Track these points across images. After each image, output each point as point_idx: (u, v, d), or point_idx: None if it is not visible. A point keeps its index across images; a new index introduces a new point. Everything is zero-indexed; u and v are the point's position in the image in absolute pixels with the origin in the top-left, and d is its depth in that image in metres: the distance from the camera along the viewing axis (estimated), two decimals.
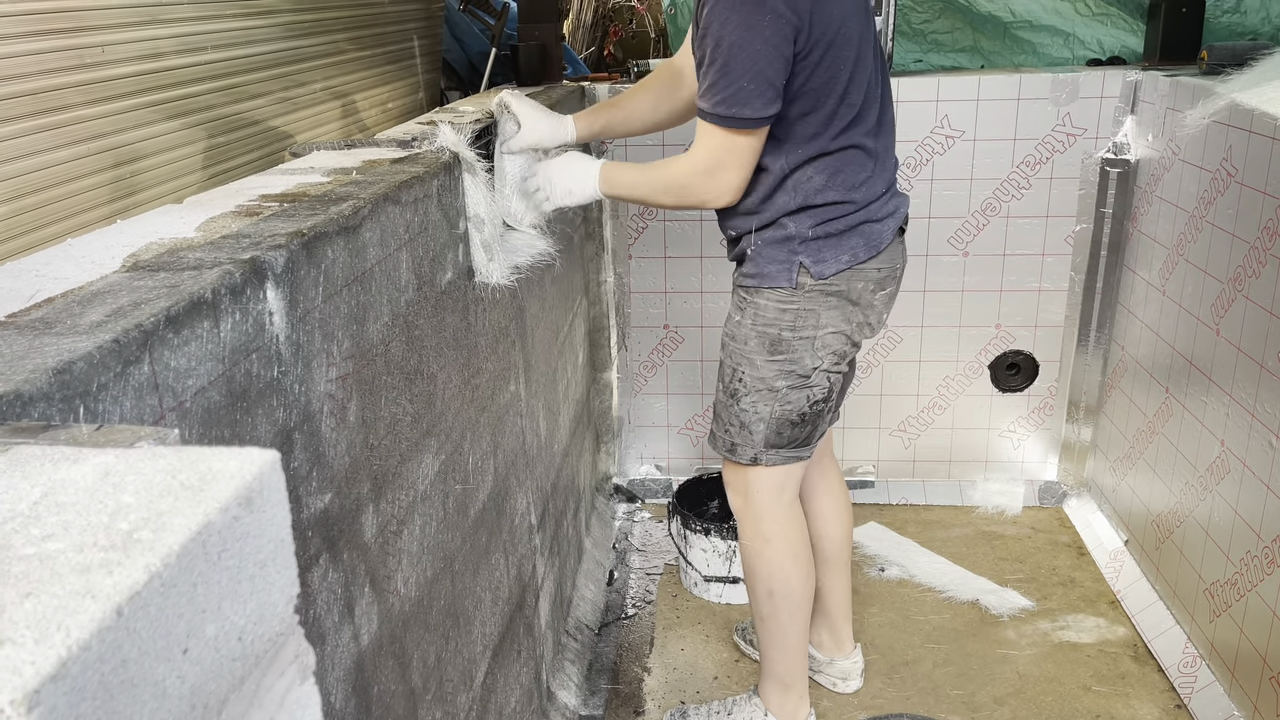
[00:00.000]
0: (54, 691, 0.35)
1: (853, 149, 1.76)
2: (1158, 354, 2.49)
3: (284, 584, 0.50)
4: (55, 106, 1.32)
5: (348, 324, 1.06)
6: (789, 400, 1.87)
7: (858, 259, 1.80)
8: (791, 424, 1.89)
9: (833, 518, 2.20)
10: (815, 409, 1.90)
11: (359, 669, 1.07)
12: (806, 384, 1.87)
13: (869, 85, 1.76)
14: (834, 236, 1.79)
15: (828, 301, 1.81)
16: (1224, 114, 2.13)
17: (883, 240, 1.82)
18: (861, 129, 1.77)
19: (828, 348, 1.85)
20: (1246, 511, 2.03)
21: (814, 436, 1.94)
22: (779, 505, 1.97)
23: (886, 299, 1.90)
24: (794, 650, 2.07)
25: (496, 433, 1.69)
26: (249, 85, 1.87)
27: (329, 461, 1.01)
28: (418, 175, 1.29)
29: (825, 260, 1.79)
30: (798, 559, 2.00)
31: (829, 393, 1.90)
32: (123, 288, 0.80)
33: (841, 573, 2.24)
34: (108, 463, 0.49)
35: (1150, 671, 2.30)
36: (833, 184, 1.77)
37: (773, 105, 1.64)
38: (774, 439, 1.90)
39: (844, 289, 1.81)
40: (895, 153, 1.90)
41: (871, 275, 1.83)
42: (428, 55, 2.89)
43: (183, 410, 0.75)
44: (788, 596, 2.01)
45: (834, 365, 1.88)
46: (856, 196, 1.78)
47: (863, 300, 1.84)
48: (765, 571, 2.00)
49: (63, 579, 0.39)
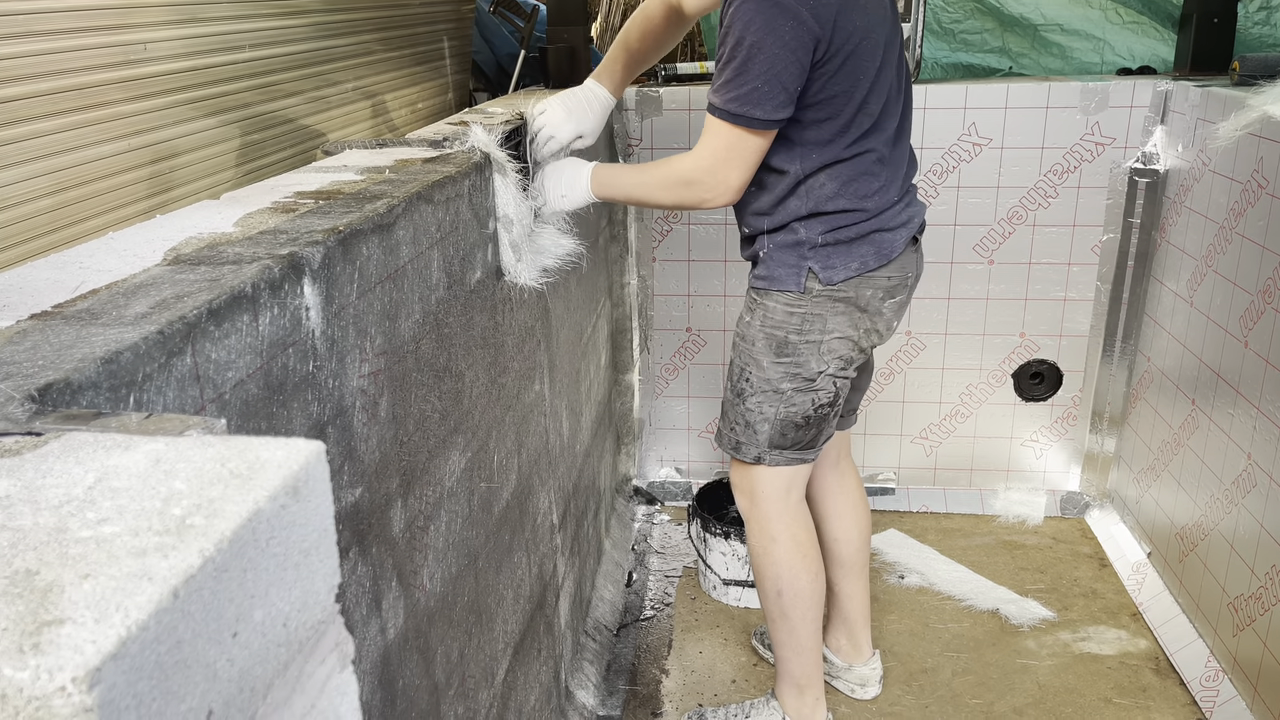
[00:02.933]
0: (114, 670, 0.36)
1: (867, 157, 1.76)
2: (1184, 365, 2.47)
3: (326, 573, 0.51)
4: (96, 102, 1.34)
5: (380, 321, 1.07)
6: (794, 402, 1.88)
7: (867, 267, 1.80)
8: (796, 426, 1.90)
9: (849, 521, 2.20)
10: (820, 412, 1.90)
11: (385, 662, 1.08)
12: (811, 387, 1.87)
13: (889, 94, 1.76)
14: (844, 244, 1.79)
15: (835, 307, 1.82)
16: (1255, 126, 2.12)
17: (894, 249, 1.81)
18: (878, 137, 1.77)
19: (834, 353, 1.85)
20: (1273, 525, 2.02)
21: (819, 439, 1.94)
22: (785, 506, 1.97)
23: (896, 307, 1.89)
24: (807, 651, 2.06)
25: (521, 432, 1.70)
26: (282, 84, 1.89)
27: (360, 456, 1.02)
28: (450, 175, 1.30)
29: (834, 267, 1.79)
30: (805, 558, 2.00)
31: (834, 397, 1.90)
32: (165, 281, 0.81)
33: (859, 577, 2.23)
34: (158, 450, 0.50)
35: (1172, 685, 2.29)
36: (845, 192, 1.77)
37: (784, 109, 1.65)
38: (778, 440, 1.91)
39: (852, 296, 1.82)
40: (914, 160, 1.90)
41: (881, 283, 1.83)
42: (457, 56, 2.91)
43: (222, 402, 0.76)
44: (797, 595, 2.00)
45: (840, 370, 1.88)
46: (869, 205, 1.78)
47: (871, 308, 1.84)
48: (773, 571, 2.00)
49: (119, 561, 0.41)
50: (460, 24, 2.93)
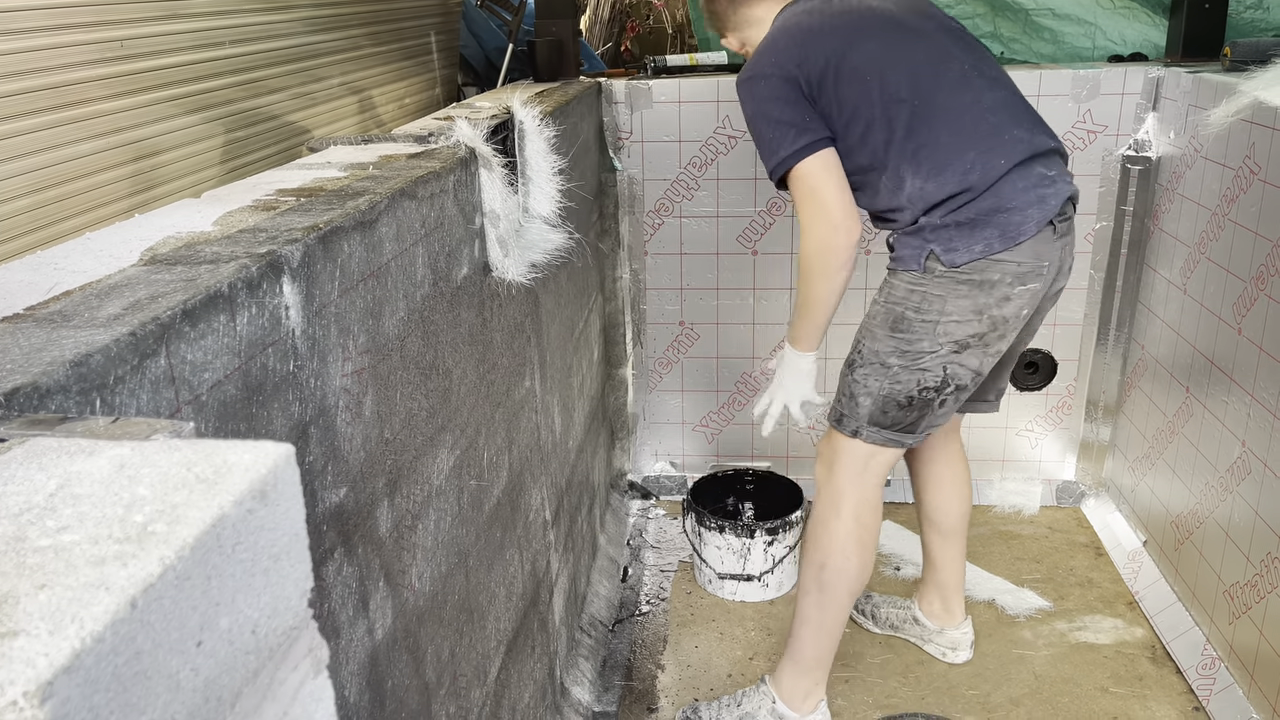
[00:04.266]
0: (67, 683, 0.35)
1: (930, 144, 1.79)
2: (1178, 353, 2.46)
3: (298, 577, 0.50)
4: (75, 101, 1.32)
5: (364, 319, 1.06)
6: (899, 379, 1.86)
7: (992, 250, 1.77)
8: (898, 405, 1.88)
9: (950, 491, 2.24)
10: (924, 395, 1.86)
11: (373, 663, 1.07)
12: (918, 365, 1.84)
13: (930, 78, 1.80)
14: (965, 226, 1.78)
15: (958, 290, 1.80)
16: (1247, 111, 2.11)
17: (1022, 232, 1.76)
18: (934, 122, 1.79)
19: (948, 335, 1.82)
20: (1267, 513, 2.01)
21: (920, 425, 1.90)
22: (860, 484, 1.95)
23: (1029, 296, 1.82)
24: (826, 634, 2.04)
25: (511, 428, 1.69)
26: (267, 80, 1.88)
27: (344, 456, 1.01)
28: (434, 170, 1.29)
29: (956, 249, 1.79)
30: (862, 543, 1.97)
31: (942, 383, 1.85)
32: (140, 281, 0.80)
33: (958, 545, 2.28)
34: (123, 455, 0.49)
35: (1168, 673, 2.28)
36: (937, 180, 1.79)
37: (803, 136, 1.80)
38: (878, 416, 1.89)
39: (977, 279, 1.79)
40: (1038, 133, 1.85)
41: (1010, 268, 1.78)
42: (445, 51, 2.90)
43: (199, 404, 0.75)
44: (840, 574, 1.98)
45: (953, 355, 1.83)
46: (973, 181, 1.77)
47: (998, 292, 1.79)
48: (826, 542, 1.98)
49: (77, 571, 0.39)
50: (448, 18, 2.91)
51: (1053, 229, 1.80)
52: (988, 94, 1.83)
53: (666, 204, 2.84)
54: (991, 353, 1.87)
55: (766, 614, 2.56)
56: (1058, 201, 1.80)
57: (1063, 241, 1.85)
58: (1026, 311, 1.85)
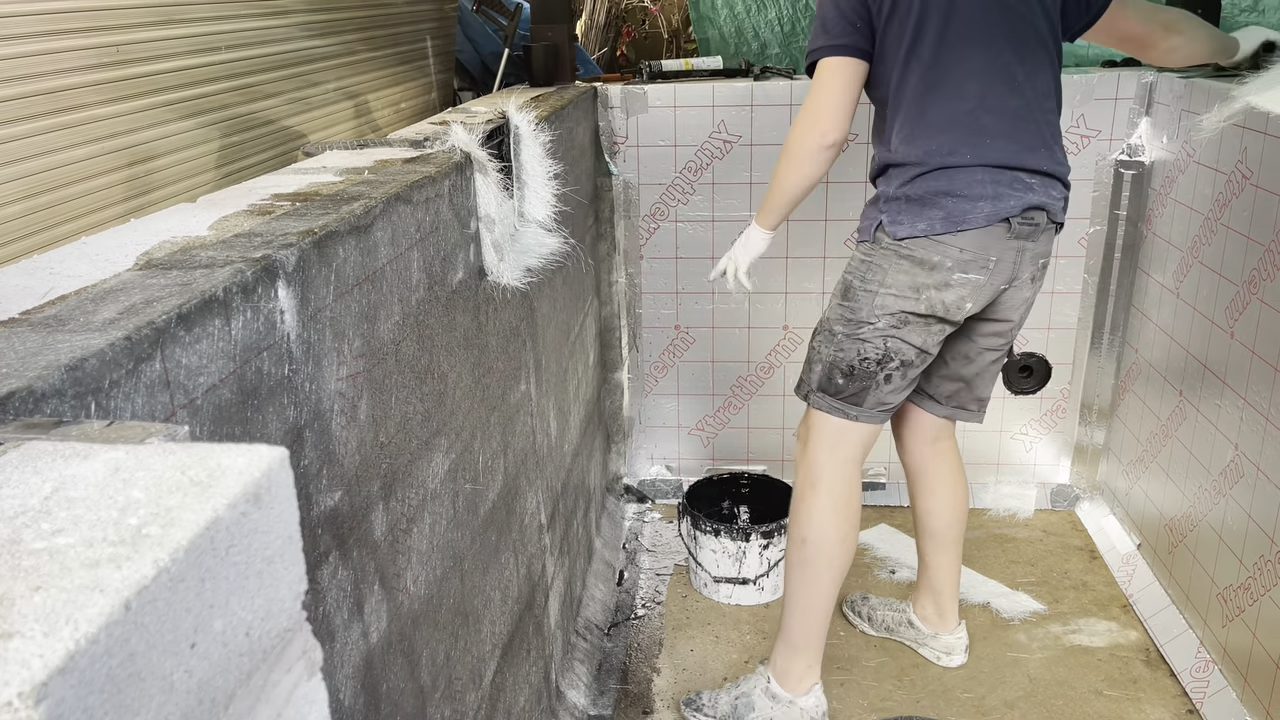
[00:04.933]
0: (62, 684, 0.35)
1: (934, 111, 1.82)
2: (1171, 357, 2.47)
3: (292, 580, 0.51)
4: (70, 106, 1.33)
5: (359, 323, 1.07)
6: (842, 347, 1.92)
7: (934, 230, 1.81)
8: (841, 373, 1.93)
9: (941, 497, 2.24)
10: (865, 367, 1.90)
11: (368, 666, 1.08)
12: (857, 335, 1.90)
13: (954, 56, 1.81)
14: (914, 201, 1.83)
15: (899, 264, 1.84)
16: (1239, 117, 2.12)
17: (967, 220, 1.80)
18: (949, 93, 1.81)
19: (885, 309, 1.86)
20: (1260, 516, 2.02)
21: (864, 397, 1.94)
22: (832, 460, 1.99)
23: (971, 287, 1.84)
24: (814, 612, 2.05)
25: (507, 432, 1.69)
26: (263, 85, 1.88)
27: (339, 459, 1.02)
28: (429, 175, 1.30)
29: (900, 222, 1.84)
30: (839, 515, 2.00)
31: (884, 356, 1.89)
32: (135, 285, 0.80)
33: (948, 551, 2.28)
34: (118, 459, 0.49)
35: (1162, 676, 2.29)
36: (909, 144, 1.84)
37: (844, 37, 1.83)
38: (824, 383, 1.96)
39: (918, 256, 1.83)
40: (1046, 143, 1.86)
41: (952, 253, 1.82)
42: (441, 55, 2.90)
43: (194, 407, 0.76)
44: (820, 547, 2.00)
45: (891, 329, 1.87)
46: (929, 160, 1.81)
47: (938, 276, 1.83)
48: (805, 517, 2.01)
49: (72, 573, 0.40)
50: (443, 23, 2.92)
51: (1007, 226, 1.82)
52: (1005, 97, 1.83)
53: (662, 208, 2.84)
54: (935, 332, 1.90)
55: (762, 617, 2.57)
56: (1018, 204, 1.81)
57: (1019, 244, 1.85)
58: (970, 305, 1.88)
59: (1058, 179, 1.88)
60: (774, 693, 2.11)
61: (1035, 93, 1.85)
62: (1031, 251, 1.88)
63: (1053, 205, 1.87)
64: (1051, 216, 1.88)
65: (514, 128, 1.67)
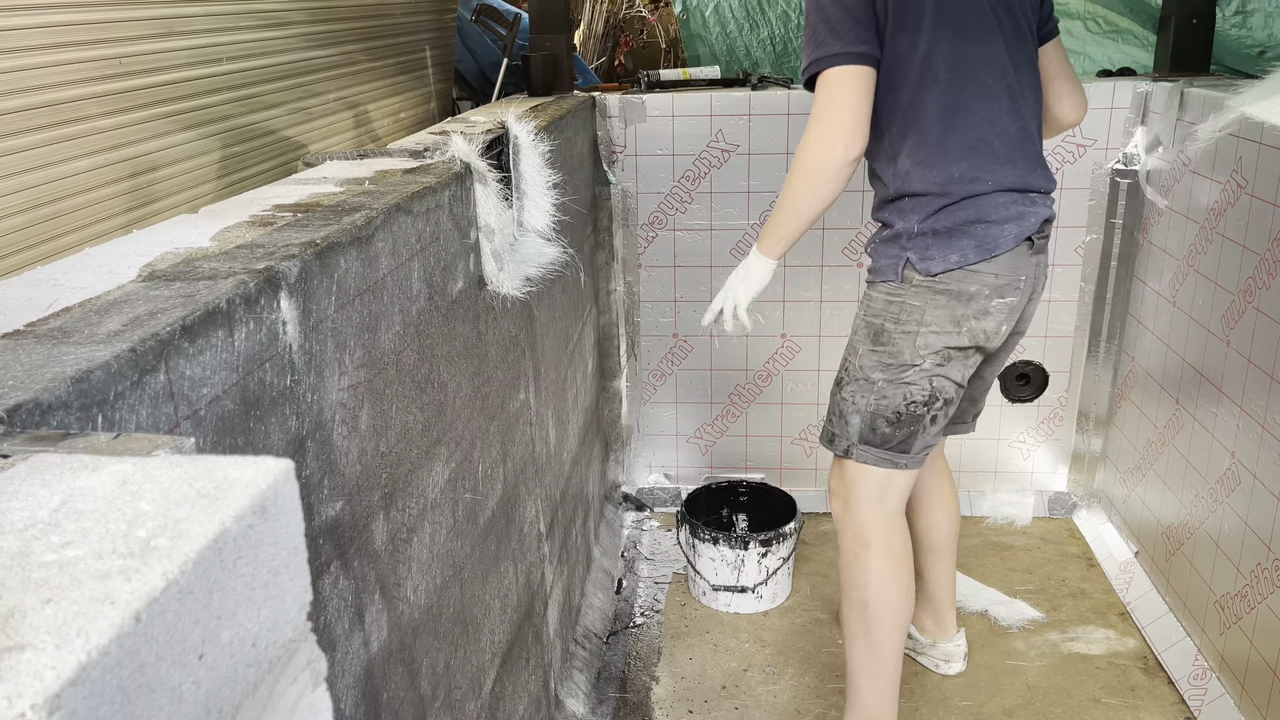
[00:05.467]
0: (74, 696, 0.35)
1: (950, 138, 1.75)
2: (1168, 365, 2.48)
3: (297, 591, 0.51)
4: (73, 117, 1.33)
5: (360, 333, 1.07)
6: (885, 394, 1.83)
7: (968, 260, 1.75)
8: (888, 421, 1.84)
9: (940, 511, 2.22)
10: (912, 410, 1.83)
11: (369, 676, 1.08)
12: (902, 379, 1.82)
13: (984, 72, 1.76)
14: (942, 234, 1.76)
15: (936, 300, 1.78)
16: (1234, 126, 2.13)
17: (999, 244, 1.75)
18: (962, 116, 1.75)
19: (929, 347, 1.80)
20: (1257, 524, 2.03)
21: (912, 443, 1.85)
22: (881, 512, 1.89)
23: (1006, 310, 1.80)
24: (885, 676, 1.93)
25: (506, 441, 1.70)
26: (264, 96, 1.89)
27: (340, 469, 1.02)
28: (430, 185, 1.30)
29: (933, 258, 1.77)
30: (899, 569, 1.89)
31: (930, 397, 1.83)
32: (139, 297, 0.81)
33: (947, 561, 2.27)
34: (125, 471, 0.50)
35: (1160, 684, 2.29)
36: (924, 172, 1.77)
37: (863, 42, 1.69)
38: (868, 434, 1.86)
39: (955, 289, 1.77)
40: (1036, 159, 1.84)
41: (988, 280, 1.77)
42: (440, 65, 2.91)
43: (197, 419, 0.76)
44: (885, 608, 1.89)
45: (937, 368, 1.81)
46: (955, 190, 1.76)
47: (976, 304, 1.78)
48: (863, 579, 1.90)
49: (82, 585, 0.40)
50: (442, 33, 2.93)
51: (1030, 245, 1.80)
52: (1007, 121, 1.80)
53: (660, 217, 2.85)
54: (972, 364, 1.86)
55: (760, 625, 2.57)
56: (1036, 220, 1.80)
57: (1038, 259, 1.84)
58: (1006, 328, 1.83)
59: (1051, 192, 1.90)
60: None
61: (1029, 114, 1.84)
62: (1044, 263, 1.89)
63: (1053, 215, 1.88)
64: (1051, 224, 1.89)
65: (513, 137, 1.68)
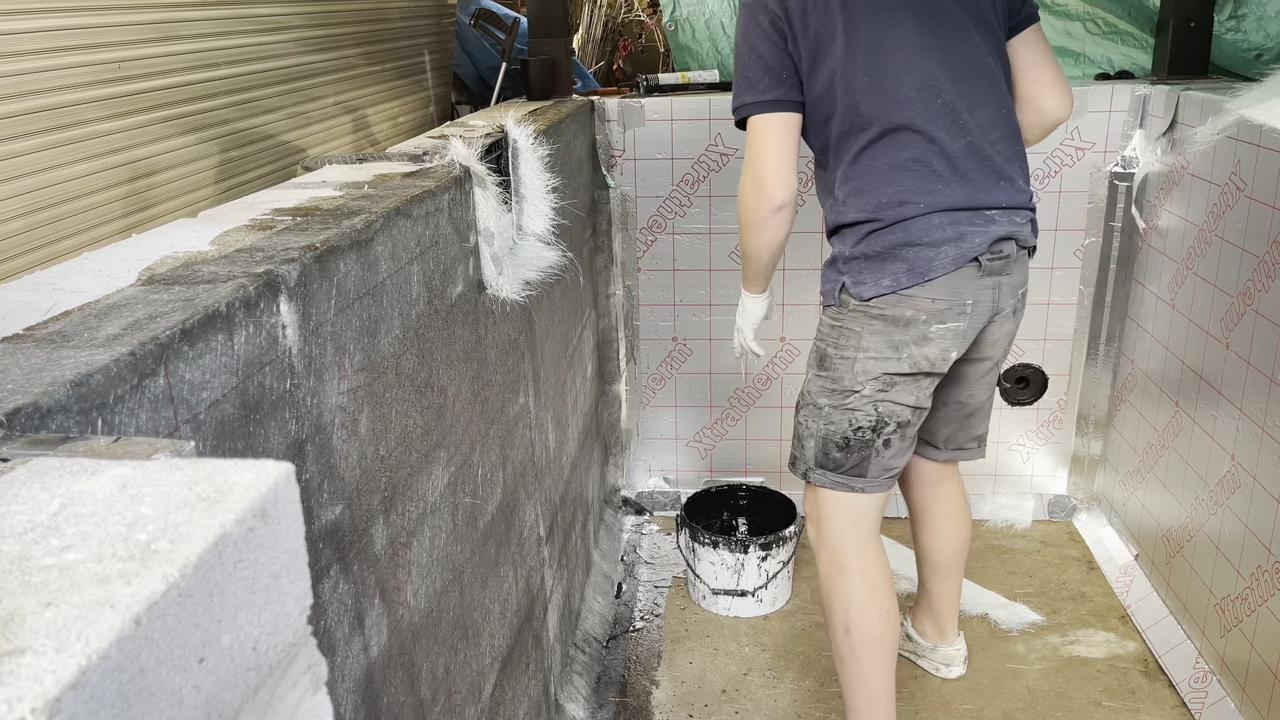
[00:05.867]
0: (74, 700, 0.35)
1: (877, 163, 1.71)
2: (1167, 368, 2.48)
3: (298, 594, 0.51)
4: (72, 122, 1.33)
5: (359, 337, 1.07)
6: (832, 420, 1.82)
7: (900, 285, 1.71)
8: (837, 446, 1.83)
9: (944, 535, 2.20)
10: (861, 436, 1.80)
11: (369, 680, 1.08)
12: (845, 405, 1.80)
13: (893, 102, 1.70)
14: (874, 258, 1.73)
15: (871, 325, 1.75)
16: (1233, 129, 2.14)
17: (933, 268, 1.69)
18: (892, 140, 1.70)
19: (867, 374, 1.77)
20: (1257, 526, 2.03)
21: (866, 467, 1.83)
22: (854, 537, 1.88)
23: (952, 335, 1.74)
24: (878, 697, 1.93)
25: (505, 445, 1.70)
26: (262, 100, 1.89)
27: (340, 473, 1.02)
28: (429, 189, 1.30)
29: (864, 282, 1.74)
30: (876, 594, 1.89)
31: (878, 421, 1.79)
32: (138, 301, 0.81)
33: (951, 578, 2.27)
34: (125, 474, 0.50)
35: (1161, 687, 2.29)
36: (854, 201, 1.74)
37: (772, 90, 1.71)
38: (822, 459, 1.86)
39: (890, 314, 1.73)
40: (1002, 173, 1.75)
41: (924, 305, 1.71)
42: (438, 70, 2.92)
43: (197, 422, 0.76)
44: (865, 634, 1.89)
45: (879, 394, 1.77)
46: (883, 215, 1.71)
47: (913, 331, 1.73)
48: (841, 604, 1.90)
49: (82, 589, 0.40)
50: (441, 37, 2.93)
51: (977, 266, 1.72)
52: (948, 139, 1.72)
53: (659, 221, 2.86)
54: (925, 386, 1.80)
55: (761, 629, 2.56)
56: (984, 240, 1.71)
57: (993, 280, 1.75)
58: (954, 353, 1.78)
59: (1019, 207, 1.78)
60: None
61: (979, 126, 1.74)
62: (1009, 284, 1.79)
63: (1020, 232, 1.77)
64: (1021, 243, 1.79)
65: (512, 141, 1.68)
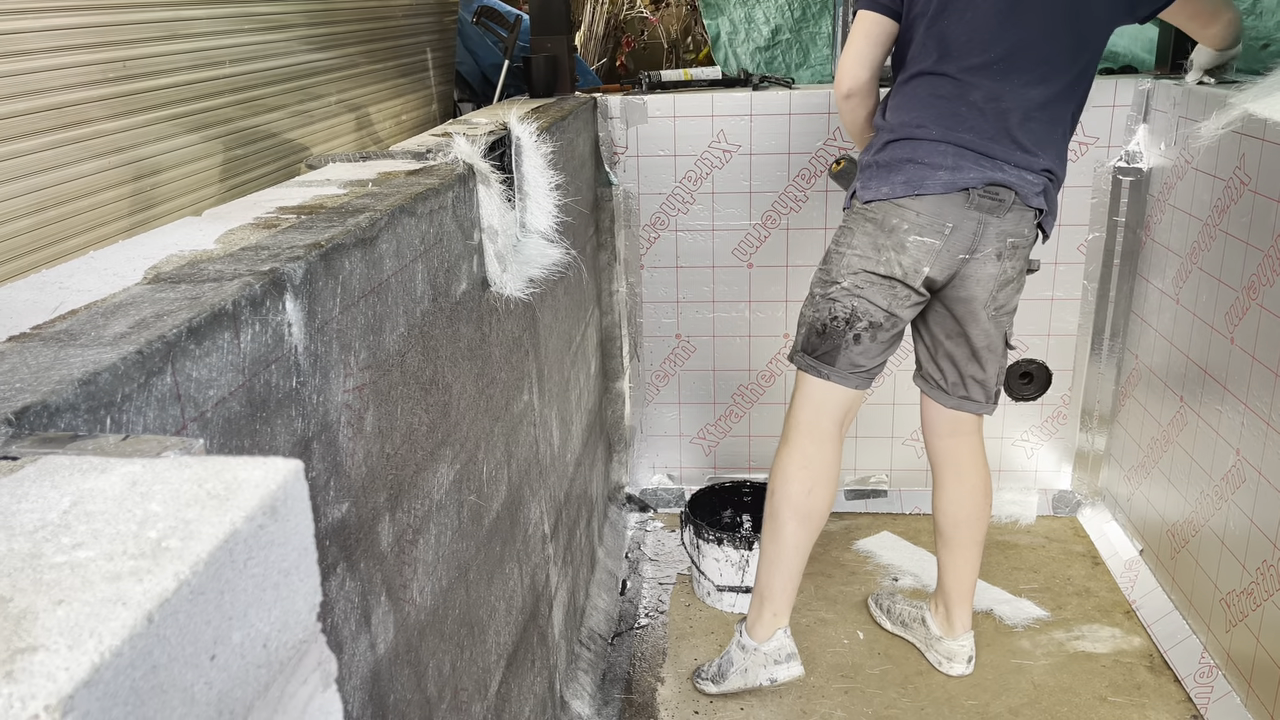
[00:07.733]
0: (87, 697, 0.35)
1: (921, 88, 1.93)
2: (1172, 362, 2.48)
3: (307, 591, 0.51)
4: (77, 121, 1.33)
5: (365, 335, 1.07)
6: (818, 308, 2.03)
7: (895, 194, 1.91)
8: (816, 333, 2.03)
9: (951, 493, 2.24)
10: (835, 326, 2.00)
11: (375, 678, 1.08)
12: (828, 295, 2.00)
13: (987, 35, 1.89)
14: (883, 167, 1.94)
15: (864, 226, 1.96)
16: (1237, 123, 2.13)
17: (925, 185, 1.88)
18: (944, 75, 1.91)
19: (849, 267, 1.97)
20: (1262, 521, 2.02)
21: (836, 356, 2.01)
22: (810, 419, 2.07)
23: (924, 250, 1.91)
24: (780, 564, 2.12)
25: (510, 442, 1.70)
26: (266, 99, 1.89)
27: (346, 471, 1.02)
28: (433, 187, 1.30)
29: (870, 187, 1.96)
30: (805, 469, 2.07)
31: (851, 315, 1.98)
32: (145, 299, 0.81)
33: (957, 553, 2.26)
34: (135, 472, 0.50)
35: (1166, 682, 2.29)
36: (890, 116, 1.97)
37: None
38: (804, 343, 2.07)
39: (879, 218, 1.94)
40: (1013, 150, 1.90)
41: (909, 216, 1.90)
42: (441, 67, 2.91)
43: (204, 420, 0.76)
44: (785, 499, 2.08)
45: (855, 289, 1.97)
46: (897, 128, 1.94)
47: (895, 237, 1.92)
48: (773, 471, 2.11)
49: (94, 586, 0.40)
50: (443, 35, 2.93)
51: (966, 196, 1.89)
52: (981, 99, 1.90)
53: (662, 218, 2.85)
54: (900, 297, 1.96)
55: None
56: (978, 177, 1.89)
57: (979, 216, 1.90)
58: (926, 268, 1.93)
59: (1031, 170, 1.93)
60: (744, 644, 2.22)
61: (1025, 104, 1.91)
62: (996, 228, 1.92)
63: (1023, 187, 1.91)
64: (1023, 198, 1.92)
65: (516, 139, 1.68)
